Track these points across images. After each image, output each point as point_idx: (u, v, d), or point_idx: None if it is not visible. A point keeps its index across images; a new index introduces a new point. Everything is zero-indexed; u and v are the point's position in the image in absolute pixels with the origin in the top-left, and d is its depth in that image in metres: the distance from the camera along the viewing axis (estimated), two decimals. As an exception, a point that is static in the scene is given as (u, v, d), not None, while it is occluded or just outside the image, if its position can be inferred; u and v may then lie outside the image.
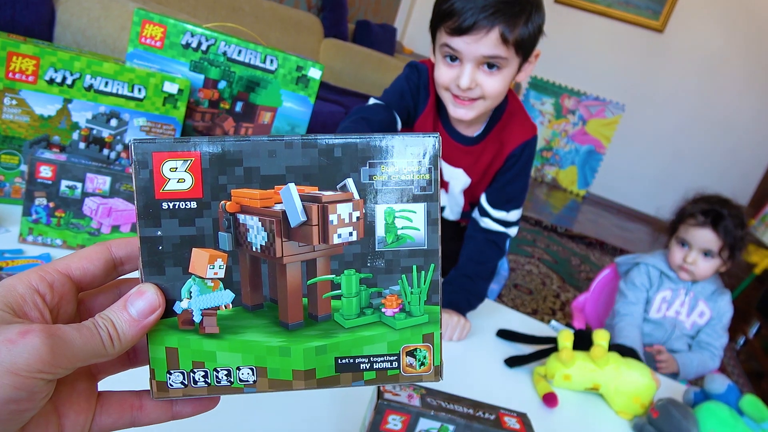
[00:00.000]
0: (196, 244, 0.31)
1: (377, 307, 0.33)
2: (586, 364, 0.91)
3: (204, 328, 0.32)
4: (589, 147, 5.42)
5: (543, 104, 5.45)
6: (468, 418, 0.54)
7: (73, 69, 0.90)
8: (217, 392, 0.32)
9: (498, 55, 0.91)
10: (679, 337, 1.44)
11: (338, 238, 0.32)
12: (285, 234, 0.32)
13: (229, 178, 0.31)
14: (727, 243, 1.37)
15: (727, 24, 4.84)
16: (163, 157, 0.30)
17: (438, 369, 0.34)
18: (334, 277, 0.32)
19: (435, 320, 0.33)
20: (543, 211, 4.53)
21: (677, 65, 5.05)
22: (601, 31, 5.20)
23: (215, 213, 0.31)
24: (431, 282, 0.33)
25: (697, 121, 5.07)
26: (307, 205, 0.31)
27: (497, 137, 1.08)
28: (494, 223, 1.10)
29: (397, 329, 0.33)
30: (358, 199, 0.32)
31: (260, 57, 1.06)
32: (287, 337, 0.32)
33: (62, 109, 0.91)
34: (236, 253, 0.32)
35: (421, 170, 0.32)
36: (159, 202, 0.30)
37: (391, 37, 4.50)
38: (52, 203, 0.81)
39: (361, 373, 0.33)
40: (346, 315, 0.33)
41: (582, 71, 5.31)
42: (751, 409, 0.87)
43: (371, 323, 0.33)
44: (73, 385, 0.31)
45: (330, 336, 0.32)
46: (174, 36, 1.01)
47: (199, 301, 0.31)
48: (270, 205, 0.31)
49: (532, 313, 2.57)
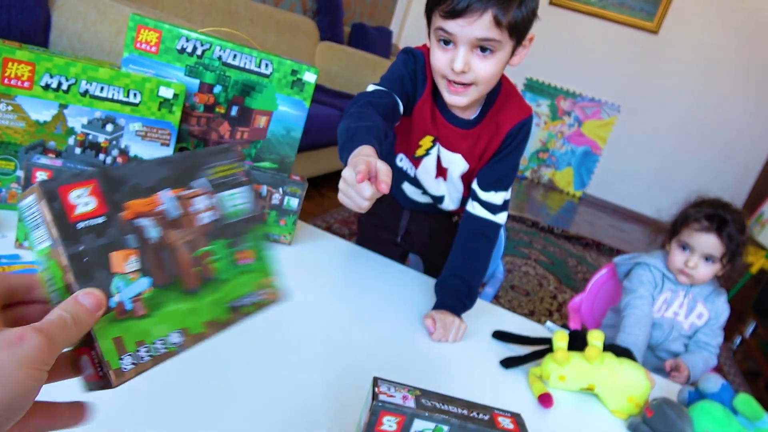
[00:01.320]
0: (112, 249, 0.38)
1: (239, 260, 0.46)
2: (581, 364, 0.92)
3: (136, 312, 0.39)
4: (585, 148, 5.44)
5: (539, 106, 5.46)
6: (462, 418, 0.55)
7: (68, 74, 0.90)
8: (159, 360, 0.39)
9: (491, 37, 0.91)
10: (676, 338, 1.44)
11: (205, 219, 0.44)
12: (170, 225, 0.42)
13: (121, 195, 0.39)
14: (730, 249, 1.36)
15: (721, 25, 4.87)
16: (68, 189, 0.37)
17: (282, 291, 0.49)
18: (209, 248, 0.44)
19: (275, 260, 0.49)
20: (540, 213, 4.54)
21: (672, 66, 5.07)
22: (596, 33, 5.22)
23: (119, 222, 0.39)
24: (264, 236, 0.48)
25: (693, 121, 5.09)
26: (180, 201, 0.43)
27: (493, 120, 1.08)
28: (481, 208, 1.10)
29: (254, 271, 0.47)
30: (211, 189, 0.45)
31: (255, 61, 1.07)
32: (194, 300, 0.42)
33: (58, 115, 0.91)
34: (142, 248, 0.40)
35: (238, 166, 0.47)
36: (74, 224, 0.36)
37: (387, 39, 4.51)
38: (48, 208, 0.81)
39: (246, 307, 0.46)
40: (223, 271, 0.45)
41: (577, 73, 5.33)
42: (744, 407, 0.88)
43: (240, 272, 0.46)
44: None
45: (219, 290, 0.44)
46: (169, 41, 1.02)
47: (126, 291, 0.38)
48: (154, 207, 0.41)
49: (529, 315, 2.57)
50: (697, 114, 5.07)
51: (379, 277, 1.14)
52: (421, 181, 1.21)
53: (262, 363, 0.76)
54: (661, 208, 1.55)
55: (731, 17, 4.83)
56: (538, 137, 5.53)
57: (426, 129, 1.11)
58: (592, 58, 5.26)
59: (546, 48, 5.23)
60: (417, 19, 5.44)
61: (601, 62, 5.24)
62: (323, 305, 0.97)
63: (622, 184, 5.41)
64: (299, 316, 0.89)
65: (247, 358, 0.75)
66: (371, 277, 1.14)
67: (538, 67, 5.37)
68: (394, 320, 0.99)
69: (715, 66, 4.94)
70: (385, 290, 1.09)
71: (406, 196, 1.28)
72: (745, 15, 4.79)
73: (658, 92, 5.15)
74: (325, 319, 0.93)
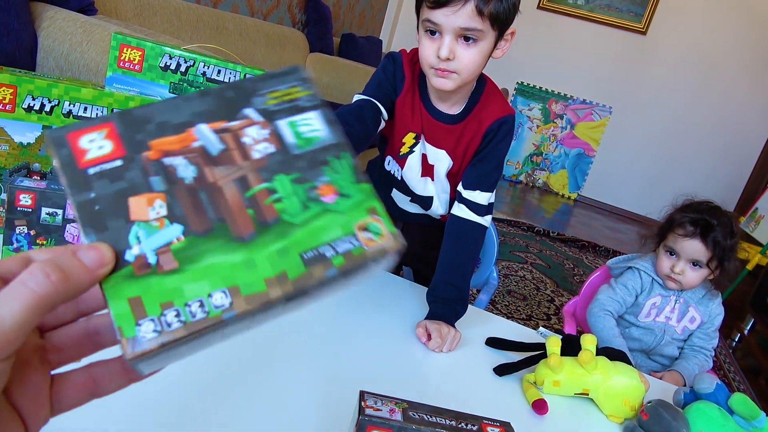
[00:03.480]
0: (131, 194, 0.32)
1: (316, 198, 0.35)
2: (574, 369, 0.91)
3: (162, 267, 0.31)
4: (579, 150, 5.46)
5: (531, 110, 5.48)
6: (450, 429, 0.54)
7: (51, 96, 0.90)
8: (197, 328, 0.30)
9: (474, 27, 0.97)
10: (669, 342, 1.43)
11: (258, 153, 0.35)
12: (211, 162, 0.34)
13: (144, 135, 0.33)
14: (716, 254, 1.35)
15: (709, 24, 4.90)
16: (79, 134, 0.32)
17: (395, 236, 0.35)
18: (267, 185, 0.34)
19: (371, 195, 0.36)
20: (535, 216, 4.54)
21: (662, 66, 5.09)
22: (585, 35, 5.25)
23: (142, 164, 0.33)
24: (349, 164, 0.37)
25: (685, 121, 5.11)
26: (221, 135, 0.35)
27: (476, 117, 1.12)
28: (466, 210, 1.11)
29: (342, 211, 0.35)
30: (262, 120, 0.36)
31: (239, 76, 1.07)
32: (247, 250, 0.32)
33: (41, 137, 0.91)
34: (172, 190, 0.33)
35: (303, 89, 0.38)
36: (84, 170, 0.32)
37: (377, 49, 4.53)
38: (33, 231, 0.81)
39: (329, 260, 0.33)
40: (292, 213, 0.34)
41: (568, 75, 5.35)
42: (740, 407, 0.87)
43: (318, 213, 0.35)
44: (25, 381, 0.31)
45: (287, 236, 0.33)
46: (152, 59, 1.02)
47: (149, 242, 0.31)
48: (188, 144, 0.34)
49: (526, 319, 2.57)
50: (689, 112, 5.09)
51: (370, 286, 1.14)
52: (407, 182, 1.22)
53: (249, 376, 0.75)
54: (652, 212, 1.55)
55: (719, 16, 4.86)
56: (531, 141, 5.55)
57: (407, 126, 1.14)
58: (582, 61, 5.29)
59: (536, 52, 5.26)
60: (406, 28, 5.47)
61: (592, 64, 5.27)
62: (313, 316, 0.96)
63: (617, 185, 5.42)
64: (288, 328, 0.88)
65: (234, 372, 0.75)
66: (362, 286, 1.14)
67: (529, 71, 5.39)
68: (386, 330, 0.99)
69: (705, 64, 4.97)
70: (375, 299, 1.09)
71: (396, 206, 1.28)
72: (734, 13, 4.83)
73: (649, 92, 5.17)
74: (315, 330, 0.92)
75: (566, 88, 5.39)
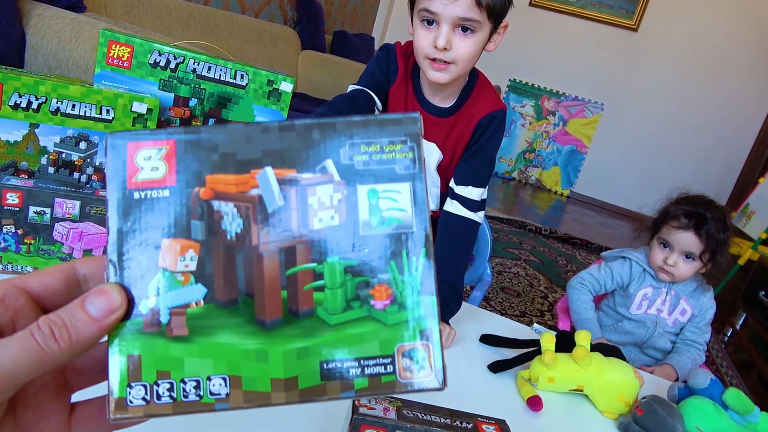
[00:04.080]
0: (167, 235, 0.29)
1: (365, 299, 0.29)
2: (569, 365, 0.91)
3: (171, 330, 0.28)
4: (571, 147, 5.47)
5: (523, 107, 5.49)
6: (445, 428, 0.54)
7: (38, 93, 0.88)
8: (184, 410, 0.28)
9: (472, 17, 0.98)
10: (661, 334, 1.44)
11: (319, 222, 0.30)
12: (262, 220, 0.29)
13: (203, 165, 0.29)
14: (709, 247, 1.36)
15: (700, 20, 4.92)
16: (138, 147, 0.29)
17: (440, 372, 0.30)
18: (315, 266, 0.29)
19: (432, 313, 0.29)
20: (528, 213, 4.55)
21: (653, 63, 5.11)
22: (577, 32, 5.26)
23: (188, 201, 0.29)
24: (424, 268, 0.30)
25: (676, 116, 5.13)
26: (285, 188, 0.29)
27: (468, 111, 1.12)
28: (459, 206, 1.11)
29: (389, 325, 0.29)
30: (339, 180, 0.30)
31: (230, 73, 1.06)
32: (265, 338, 0.28)
33: (29, 134, 0.90)
34: (209, 243, 0.29)
35: (403, 149, 0.30)
36: (131, 191, 0.29)
37: (369, 46, 4.52)
38: (20, 230, 0.80)
39: (350, 381, 0.28)
40: (330, 309, 0.29)
41: (560, 72, 5.36)
42: (734, 402, 0.87)
43: (359, 318, 0.29)
44: (41, 408, 0.29)
45: (313, 335, 0.28)
46: (141, 55, 1.01)
47: (167, 297, 0.28)
48: (246, 190, 0.29)
49: (520, 316, 2.57)
50: (680, 109, 5.11)
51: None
52: None
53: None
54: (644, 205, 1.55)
55: (710, 13, 4.88)
56: (524, 138, 5.56)
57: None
58: (574, 58, 5.30)
59: (528, 49, 5.26)
60: (398, 25, 5.46)
61: (584, 61, 5.28)
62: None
63: (609, 181, 5.44)
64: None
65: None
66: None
67: (521, 68, 5.40)
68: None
69: (696, 60, 4.99)
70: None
71: None
72: (725, 10, 4.84)
73: (640, 89, 5.19)
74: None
75: (558, 84, 5.39)
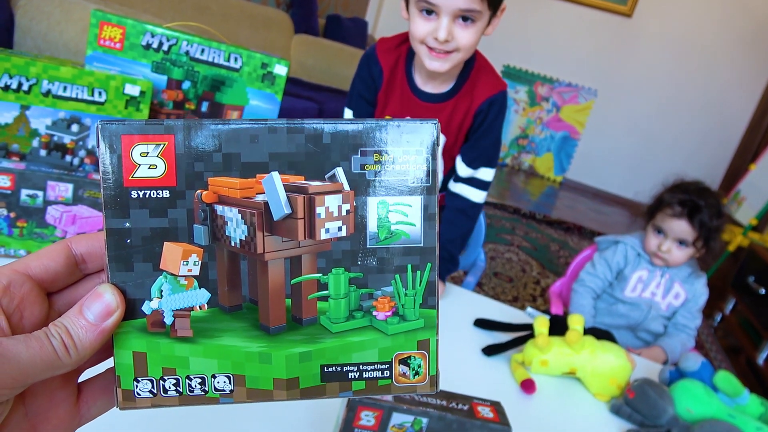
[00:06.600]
0: (169, 237, 0.28)
1: (368, 310, 0.30)
2: (562, 349, 0.92)
3: (176, 331, 0.29)
4: (564, 133, 5.47)
5: (517, 92, 5.47)
6: (441, 409, 0.54)
7: (29, 74, 0.87)
8: (190, 402, 0.29)
9: (473, 8, 0.96)
10: (655, 317, 1.46)
11: (326, 233, 0.29)
12: (267, 228, 0.29)
13: (206, 165, 0.28)
14: (702, 234, 1.38)
15: (694, 7, 4.90)
16: (133, 141, 0.28)
17: (434, 379, 0.32)
18: (320, 276, 0.30)
19: (431, 325, 0.31)
20: (521, 199, 4.56)
21: (647, 49, 5.10)
22: (571, 18, 5.23)
23: (190, 203, 0.28)
24: (427, 283, 0.30)
25: (669, 103, 5.14)
26: (292, 196, 0.29)
27: (468, 93, 1.11)
28: (464, 186, 1.12)
29: (389, 335, 0.30)
30: (348, 190, 0.29)
31: (224, 55, 1.05)
32: (268, 342, 0.29)
33: (20, 116, 0.89)
34: (213, 248, 0.29)
35: (418, 160, 0.29)
36: (128, 190, 0.28)
37: (363, 30, 4.48)
38: (12, 213, 0.79)
39: (349, 383, 0.30)
40: (333, 318, 0.30)
41: (554, 58, 5.34)
42: (724, 384, 0.89)
43: (361, 328, 0.30)
44: (51, 396, 0.29)
45: (315, 341, 0.30)
46: (134, 37, 0.99)
47: (170, 300, 0.29)
48: (251, 195, 0.29)
49: (513, 301, 2.59)
50: (673, 96, 5.12)
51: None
52: None
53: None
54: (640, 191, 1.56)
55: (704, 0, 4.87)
56: (517, 124, 5.55)
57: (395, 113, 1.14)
58: (568, 44, 5.28)
59: (522, 34, 5.23)
60: (392, 9, 5.41)
61: (577, 47, 5.26)
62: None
63: (602, 168, 5.45)
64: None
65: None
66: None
67: (515, 53, 5.37)
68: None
69: (689, 47, 4.99)
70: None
71: None
72: (717, -4, 4.83)
73: (633, 75, 5.18)
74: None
75: (552, 70, 5.38)
